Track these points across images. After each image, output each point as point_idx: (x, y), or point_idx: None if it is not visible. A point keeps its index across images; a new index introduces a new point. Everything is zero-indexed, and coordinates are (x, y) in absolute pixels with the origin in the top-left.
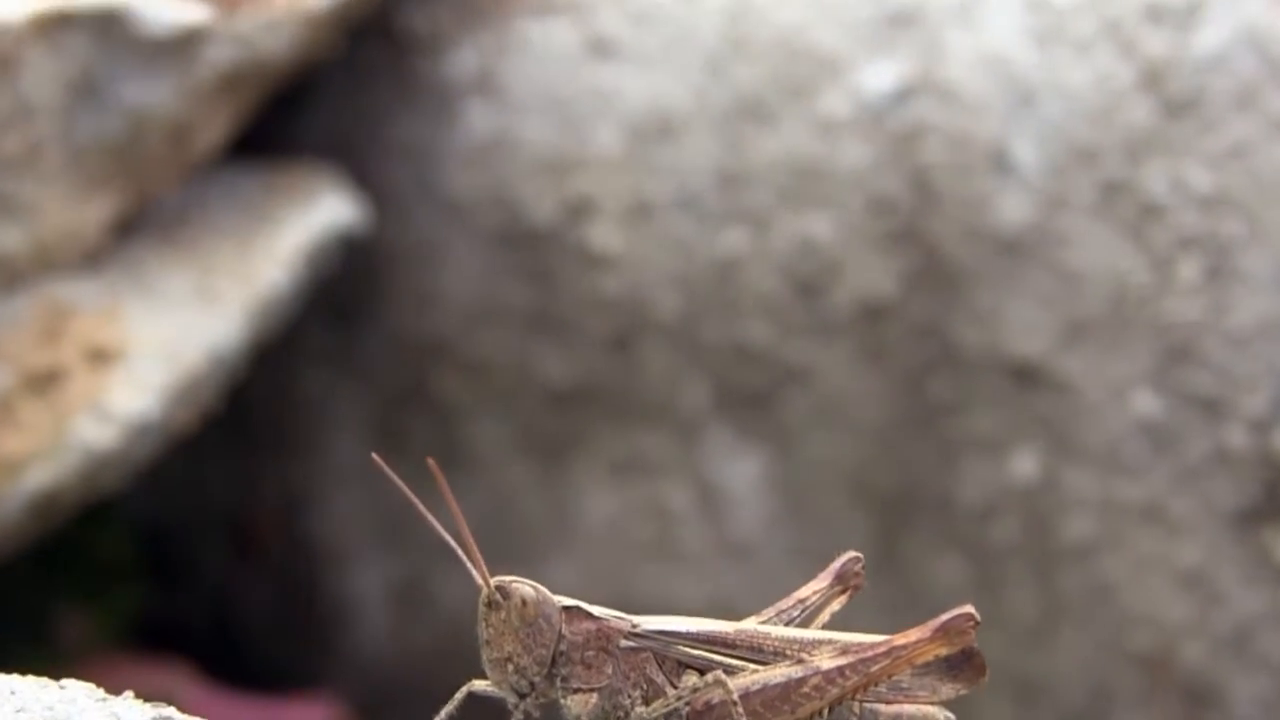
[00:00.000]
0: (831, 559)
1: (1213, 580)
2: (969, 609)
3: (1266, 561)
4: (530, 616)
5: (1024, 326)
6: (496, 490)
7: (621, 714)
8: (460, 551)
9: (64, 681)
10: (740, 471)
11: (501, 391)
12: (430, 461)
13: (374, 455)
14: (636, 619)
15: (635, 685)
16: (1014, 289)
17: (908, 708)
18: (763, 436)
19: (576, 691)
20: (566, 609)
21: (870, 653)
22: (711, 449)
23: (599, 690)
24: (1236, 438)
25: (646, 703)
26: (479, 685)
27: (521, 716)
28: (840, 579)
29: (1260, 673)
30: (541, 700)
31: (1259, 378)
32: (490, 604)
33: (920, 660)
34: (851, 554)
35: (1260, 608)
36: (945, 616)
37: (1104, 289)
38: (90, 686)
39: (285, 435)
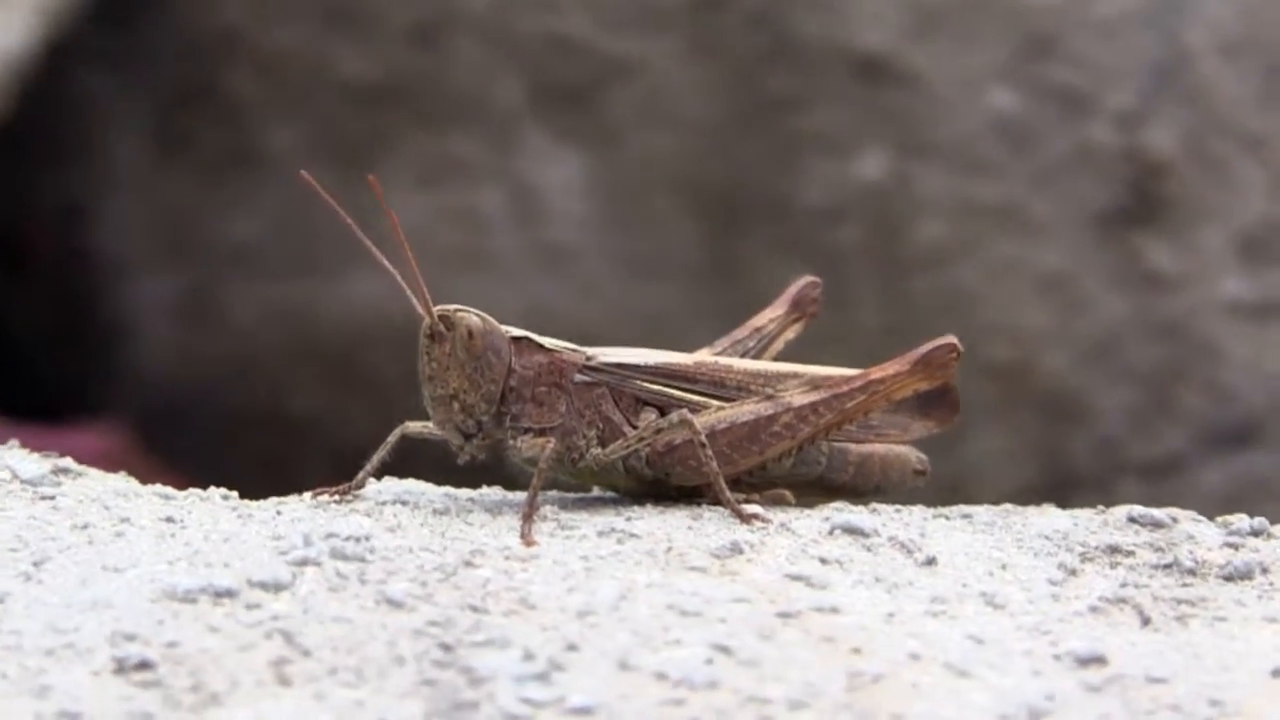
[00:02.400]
0: (661, 265)
1: (1076, 286)
2: (951, 339)
3: (1134, 266)
4: (477, 349)
5: (870, 16)
6: (290, 197)
7: (576, 456)
8: (398, 275)
9: None
10: (559, 174)
11: (297, 90)
12: (371, 179)
13: (303, 173)
14: (591, 350)
15: (590, 424)
16: None
17: (879, 448)
18: (583, 136)
19: (527, 432)
20: (515, 340)
21: (845, 388)
22: (527, 150)
23: (551, 430)
24: (1101, 134)
25: (603, 444)
26: (413, 427)
27: (467, 459)
28: (797, 305)
29: (1127, 383)
30: (487, 442)
31: (1126, 70)
32: (433, 335)
33: (899, 395)
34: (808, 278)
35: (1127, 314)
36: (925, 348)
37: None
38: None
39: (59, 139)
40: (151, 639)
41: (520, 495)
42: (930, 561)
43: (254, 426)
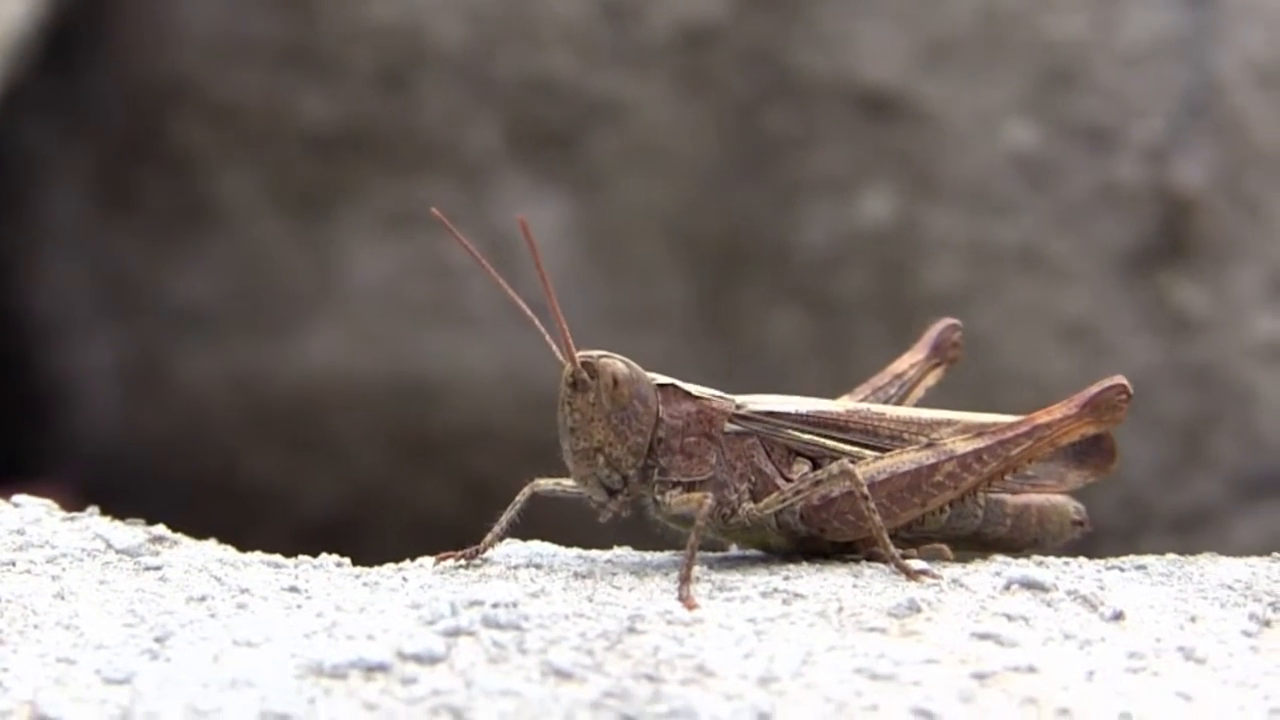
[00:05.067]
0: (651, 316)
1: (1100, 331)
2: (1120, 379)
3: (1161, 308)
4: (623, 398)
5: (876, 49)
6: (246, 249)
7: (728, 511)
8: (537, 322)
9: (16, 498)
10: (539, 220)
11: (252, 138)
12: (520, 219)
13: (434, 211)
14: (739, 398)
15: (742, 477)
16: (863, 6)
17: (1035, 498)
18: (565, 181)
19: (675, 486)
20: (661, 387)
21: (1010, 434)
22: (503, 196)
23: (702, 484)
24: (1126, 170)
25: (755, 498)
26: (544, 484)
27: (609, 516)
28: (937, 350)
29: (1155, 432)
30: (632, 498)
31: (1153, 103)
32: (575, 384)
33: (1066, 440)
34: (948, 321)
35: (1154, 359)
36: (1094, 389)
37: (970, 4)
38: (49, 503)
39: None
40: (305, 719)
41: (658, 555)
42: (1118, 616)
43: (206, 496)
